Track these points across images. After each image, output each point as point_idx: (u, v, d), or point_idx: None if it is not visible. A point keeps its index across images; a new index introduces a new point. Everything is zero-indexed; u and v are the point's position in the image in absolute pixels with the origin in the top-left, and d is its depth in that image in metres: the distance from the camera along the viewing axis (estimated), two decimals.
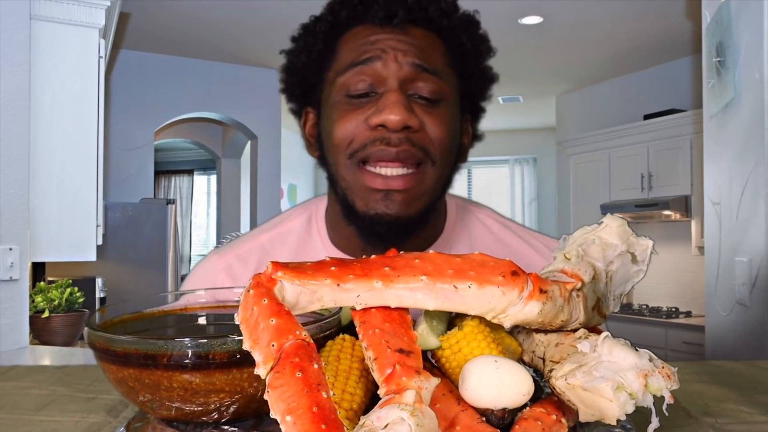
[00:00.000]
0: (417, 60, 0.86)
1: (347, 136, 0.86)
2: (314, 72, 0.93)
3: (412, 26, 0.88)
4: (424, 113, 0.85)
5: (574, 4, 4.28)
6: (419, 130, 0.85)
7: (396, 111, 0.82)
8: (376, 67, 0.86)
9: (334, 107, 0.88)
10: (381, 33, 0.87)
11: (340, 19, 0.90)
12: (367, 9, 0.88)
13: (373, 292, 0.53)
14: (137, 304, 0.73)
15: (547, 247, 1.06)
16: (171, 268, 4.46)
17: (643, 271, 0.62)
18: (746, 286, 2.04)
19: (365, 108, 0.86)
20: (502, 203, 8.44)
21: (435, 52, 0.89)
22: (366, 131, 0.85)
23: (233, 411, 0.58)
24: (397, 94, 0.84)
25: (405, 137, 0.84)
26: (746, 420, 0.75)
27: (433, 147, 0.86)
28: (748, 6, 2.02)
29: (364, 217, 0.87)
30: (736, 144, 2.13)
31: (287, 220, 1.06)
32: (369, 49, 0.87)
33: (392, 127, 0.83)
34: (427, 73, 0.86)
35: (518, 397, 0.53)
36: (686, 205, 4.95)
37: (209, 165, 8.68)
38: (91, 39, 2.89)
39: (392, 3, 0.87)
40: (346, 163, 0.87)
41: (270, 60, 5.54)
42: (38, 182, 2.67)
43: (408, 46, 0.86)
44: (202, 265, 1.07)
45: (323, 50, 0.92)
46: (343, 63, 0.88)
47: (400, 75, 0.85)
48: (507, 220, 1.10)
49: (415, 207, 0.87)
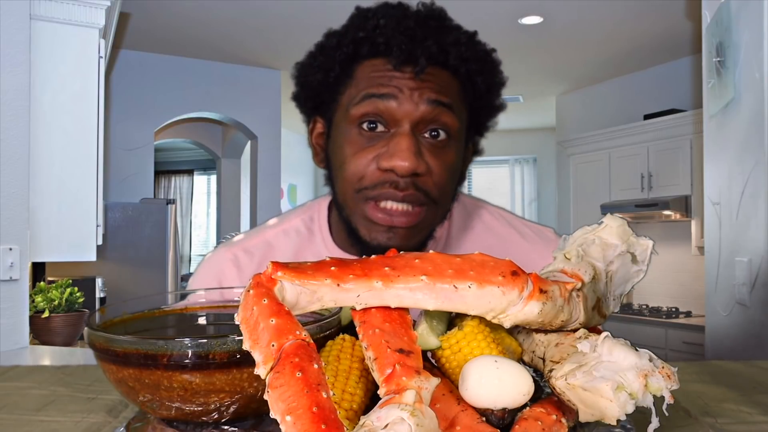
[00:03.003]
0: (433, 95, 0.88)
1: (357, 173, 0.89)
2: (328, 91, 0.95)
3: (431, 65, 0.89)
4: (430, 156, 0.88)
5: (574, 4, 4.28)
6: (425, 175, 0.88)
7: (406, 158, 0.85)
8: (391, 105, 0.87)
9: (346, 138, 0.91)
10: (399, 72, 0.88)
11: (361, 52, 0.91)
12: (389, 49, 0.89)
13: (373, 292, 0.53)
14: (137, 304, 0.73)
15: (537, 235, 1.10)
16: (171, 268, 4.46)
17: (643, 271, 0.62)
18: (746, 286, 2.04)
19: (377, 145, 0.88)
20: (502, 203, 8.32)
21: (450, 89, 0.91)
22: (376, 172, 0.88)
23: (233, 411, 0.58)
24: (408, 140, 0.86)
25: (411, 182, 0.87)
26: (746, 420, 0.75)
27: (435, 190, 0.90)
28: (748, 6, 2.02)
29: (367, 244, 0.91)
30: (736, 144, 2.13)
31: (291, 218, 1.10)
32: (386, 84, 0.88)
33: (401, 173, 0.86)
34: (443, 107, 0.89)
35: (518, 397, 0.53)
36: (686, 205, 4.95)
37: (209, 165, 8.68)
38: (91, 39, 2.89)
39: (414, 49, 0.87)
40: (354, 197, 0.90)
41: (270, 60, 5.54)
42: (38, 182, 2.67)
43: (424, 84, 0.88)
44: (210, 257, 1.11)
45: (340, 74, 0.93)
46: (359, 91, 0.90)
47: (414, 116, 0.87)
48: (500, 210, 1.14)
49: (416, 240, 0.92)
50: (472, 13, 4.24)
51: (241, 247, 1.08)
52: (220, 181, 7.39)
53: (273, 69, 5.75)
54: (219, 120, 6.12)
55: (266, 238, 1.08)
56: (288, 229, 1.08)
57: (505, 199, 8.55)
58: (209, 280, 1.06)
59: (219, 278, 1.06)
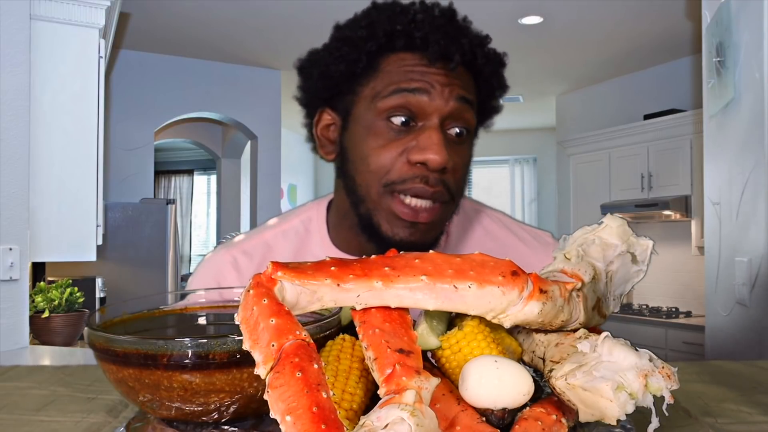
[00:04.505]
0: (462, 92, 0.90)
1: (384, 166, 0.89)
2: (348, 82, 0.94)
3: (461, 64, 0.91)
4: (453, 153, 0.89)
5: (574, 4, 4.27)
6: (450, 171, 0.89)
7: (439, 152, 0.85)
8: (423, 99, 0.88)
9: (371, 130, 0.90)
10: (431, 67, 0.89)
11: (395, 45, 0.91)
12: (425, 45, 0.89)
13: (373, 292, 0.53)
14: (137, 304, 0.73)
15: (536, 239, 1.11)
16: (171, 268, 4.46)
17: (643, 271, 0.62)
18: (746, 286, 2.04)
19: (404, 139, 0.88)
20: (502, 203, 8.44)
21: (472, 88, 0.93)
22: (405, 165, 0.88)
23: (233, 411, 0.58)
24: (438, 134, 0.87)
25: (440, 179, 0.88)
26: (746, 420, 0.75)
27: (455, 187, 0.91)
28: (748, 6, 2.02)
29: (388, 239, 0.90)
30: (736, 144, 2.13)
31: (290, 219, 1.09)
32: (418, 79, 0.88)
33: (433, 167, 0.86)
34: (468, 104, 0.90)
35: (518, 397, 0.53)
36: (686, 205, 4.95)
37: (209, 165, 8.68)
38: (91, 39, 2.88)
39: (450, 45, 0.88)
40: (380, 190, 0.89)
41: (270, 60, 5.54)
42: (38, 182, 2.67)
43: (454, 81, 0.89)
44: (210, 258, 1.11)
45: (366, 66, 0.92)
46: (386, 85, 0.89)
47: (444, 112, 0.88)
48: (499, 214, 1.15)
49: (433, 234, 0.94)
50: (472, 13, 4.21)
51: (240, 248, 1.08)
52: (220, 181, 7.39)
53: (273, 69, 5.75)
54: (219, 120, 6.12)
55: (265, 239, 1.08)
56: (287, 230, 1.08)
57: (505, 199, 8.55)
58: (208, 282, 1.06)
59: (218, 280, 1.06)
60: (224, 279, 1.05)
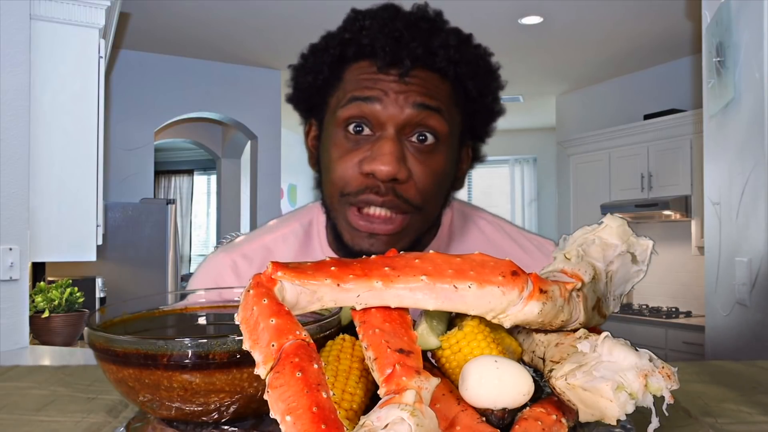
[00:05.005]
0: (419, 98, 0.86)
1: (342, 178, 0.88)
2: (318, 94, 0.95)
3: (419, 67, 0.88)
4: (415, 162, 0.87)
5: (574, 4, 4.27)
6: (406, 181, 0.86)
7: (387, 162, 0.84)
8: (375, 108, 0.86)
9: (333, 141, 0.90)
10: (385, 74, 0.87)
11: (348, 54, 0.90)
12: (373, 50, 0.87)
13: (373, 292, 0.53)
14: (137, 304, 0.73)
15: (538, 249, 1.08)
16: (171, 268, 4.46)
17: (643, 271, 0.62)
18: (746, 286, 2.04)
19: (361, 149, 0.87)
20: (502, 203, 8.44)
21: (439, 92, 0.89)
22: (359, 176, 0.87)
23: (233, 411, 0.58)
24: (391, 144, 0.85)
25: (392, 188, 0.86)
26: (746, 420, 0.75)
27: (419, 197, 0.88)
28: (748, 6, 2.02)
29: (351, 249, 0.90)
30: (736, 144, 2.13)
31: (291, 222, 1.09)
32: (371, 87, 0.87)
33: (381, 177, 0.85)
34: (430, 110, 0.87)
35: (518, 397, 0.53)
36: (686, 205, 4.95)
37: (209, 165, 8.68)
38: (91, 39, 2.89)
39: (399, 50, 0.86)
40: (339, 201, 0.90)
41: (270, 60, 5.54)
42: (38, 182, 2.67)
43: (411, 87, 0.87)
44: (209, 261, 1.11)
45: (329, 77, 0.93)
46: (345, 94, 0.89)
47: (399, 120, 0.86)
48: (501, 221, 1.12)
49: (401, 245, 0.89)
50: (472, 13, 4.24)
51: (240, 252, 1.07)
52: (220, 181, 7.39)
53: (273, 69, 5.75)
54: (219, 120, 6.12)
55: (265, 242, 1.08)
56: (287, 234, 1.08)
57: (505, 199, 8.55)
58: (207, 284, 1.06)
59: (217, 283, 1.06)
60: (223, 282, 1.05)
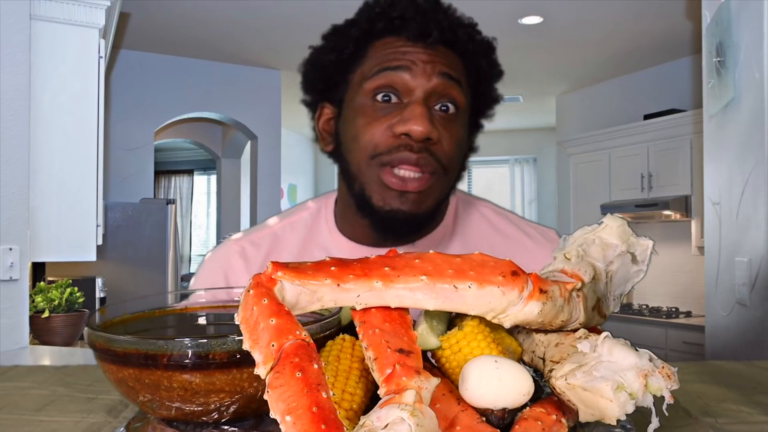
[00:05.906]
0: (445, 68, 0.92)
1: (371, 141, 0.92)
2: (340, 71, 0.98)
3: (440, 45, 0.94)
4: (441, 127, 0.92)
5: (574, 4, 4.27)
6: (437, 143, 0.91)
7: (421, 123, 0.88)
8: (405, 76, 0.91)
9: (360, 110, 0.94)
10: (412, 46, 0.92)
11: (376, 28, 0.95)
12: (404, 24, 0.93)
13: (373, 292, 0.53)
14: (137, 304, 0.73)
15: (542, 235, 1.12)
16: (171, 268, 4.46)
17: (643, 271, 0.62)
18: (746, 286, 2.04)
19: (390, 115, 0.91)
20: (502, 203, 8.24)
21: (458, 68, 0.95)
22: (390, 138, 0.91)
23: (233, 411, 0.58)
24: (422, 107, 0.90)
25: (425, 147, 0.90)
26: (746, 420, 0.75)
27: (446, 158, 0.93)
28: (748, 6, 2.02)
29: (380, 211, 0.93)
30: (736, 144, 2.13)
31: (299, 211, 1.12)
32: (400, 58, 0.92)
33: (416, 137, 0.89)
34: (453, 81, 0.93)
35: (518, 397, 0.53)
36: (686, 205, 4.95)
37: (209, 165, 8.67)
38: (91, 39, 2.88)
39: (428, 23, 0.92)
40: (369, 163, 0.93)
41: (270, 60, 5.54)
42: (38, 182, 2.67)
43: (437, 59, 0.92)
44: (218, 249, 1.13)
45: (353, 53, 0.96)
46: (372, 67, 0.93)
47: (427, 88, 0.91)
48: (505, 211, 1.16)
49: (426, 206, 0.94)
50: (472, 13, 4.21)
51: (248, 239, 1.10)
52: (220, 181, 7.39)
53: (273, 69, 5.75)
54: (219, 120, 6.12)
55: (273, 230, 1.10)
56: (295, 222, 1.10)
57: (505, 199, 8.55)
58: (216, 273, 1.08)
59: (225, 271, 1.07)
60: (232, 269, 1.07)
